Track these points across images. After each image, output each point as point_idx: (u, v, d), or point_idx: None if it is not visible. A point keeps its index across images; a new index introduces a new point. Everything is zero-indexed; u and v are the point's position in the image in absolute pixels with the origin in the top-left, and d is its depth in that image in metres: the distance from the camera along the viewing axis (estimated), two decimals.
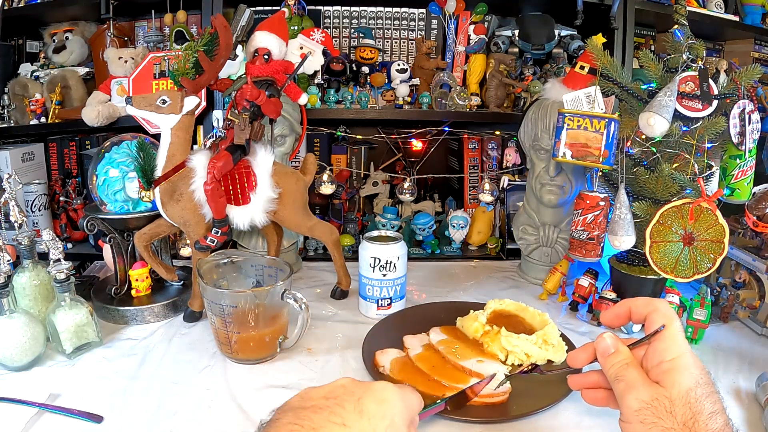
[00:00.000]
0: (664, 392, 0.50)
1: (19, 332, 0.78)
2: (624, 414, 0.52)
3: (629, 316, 0.59)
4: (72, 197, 1.37)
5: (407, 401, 0.51)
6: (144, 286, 0.99)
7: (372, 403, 0.47)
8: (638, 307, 0.58)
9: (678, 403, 0.49)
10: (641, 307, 0.58)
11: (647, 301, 0.58)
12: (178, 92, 0.85)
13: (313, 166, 1.03)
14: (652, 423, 0.49)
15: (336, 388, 0.49)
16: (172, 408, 0.71)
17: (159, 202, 0.89)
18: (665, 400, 0.49)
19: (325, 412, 0.45)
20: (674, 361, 0.51)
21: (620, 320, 0.61)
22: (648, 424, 0.49)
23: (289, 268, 0.86)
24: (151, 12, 1.37)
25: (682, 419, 0.48)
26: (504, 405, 0.71)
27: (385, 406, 0.48)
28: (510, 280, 1.20)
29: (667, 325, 0.54)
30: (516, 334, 0.81)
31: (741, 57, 1.61)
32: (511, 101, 1.42)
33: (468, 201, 1.53)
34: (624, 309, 0.59)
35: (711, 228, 0.85)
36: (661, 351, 0.53)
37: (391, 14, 1.48)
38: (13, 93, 1.42)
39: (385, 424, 0.47)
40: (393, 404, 0.49)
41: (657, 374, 0.52)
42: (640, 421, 0.50)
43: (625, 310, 0.59)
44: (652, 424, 0.49)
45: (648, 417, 0.49)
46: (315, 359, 0.84)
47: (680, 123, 0.89)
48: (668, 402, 0.49)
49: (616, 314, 0.61)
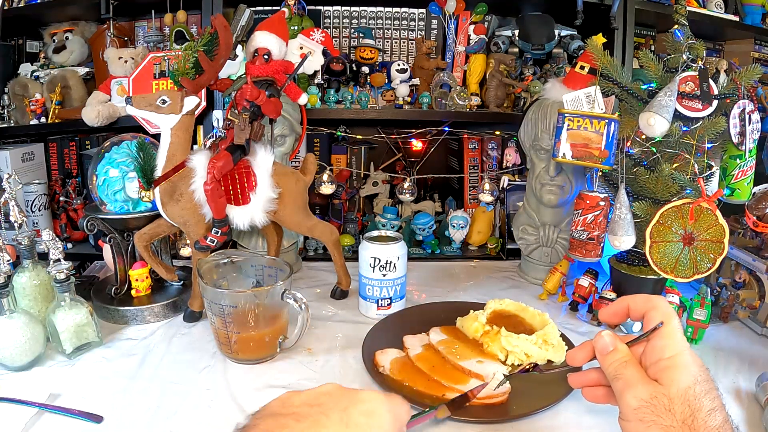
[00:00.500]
0: (663, 390, 0.50)
1: (19, 332, 0.78)
2: (623, 412, 0.52)
3: (627, 314, 0.59)
4: (72, 197, 1.37)
5: (395, 412, 0.49)
6: (144, 286, 0.99)
7: (359, 415, 0.45)
8: (637, 304, 0.58)
9: (677, 401, 0.48)
10: (640, 305, 0.57)
11: (646, 298, 0.57)
12: (178, 92, 0.85)
13: (313, 166, 1.03)
14: (651, 421, 0.49)
15: (320, 395, 0.47)
16: (172, 408, 0.71)
17: (159, 202, 0.89)
18: (664, 398, 0.49)
19: (308, 421, 0.43)
20: (673, 359, 0.51)
21: (618, 318, 0.60)
22: (647, 422, 0.49)
23: (289, 268, 0.86)
24: (151, 12, 1.38)
25: (681, 417, 0.48)
26: (504, 405, 0.71)
27: (373, 418, 0.46)
28: (510, 280, 1.20)
29: (665, 323, 0.53)
30: (516, 334, 0.81)
31: (741, 57, 1.61)
32: (511, 101, 1.42)
33: (468, 201, 1.53)
34: (622, 306, 0.59)
35: (711, 228, 0.85)
36: (660, 348, 0.52)
37: (391, 14, 1.48)
38: (13, 93, 1.42)
39: None
40: (381, 416, 0.47)
41: (655, 372, 0.52)
42: (639, 419, 0.49)
43: (624, 308, 0.59)
44: (651, 422, 0.49)
45: (647, 415, 0.49)
46: (315, 359, 0.84)
47: (680, 123, 0.89)
48: (667, 400, 0.49)
49: (614, 312, 0.60)
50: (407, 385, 0.74)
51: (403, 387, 0.75)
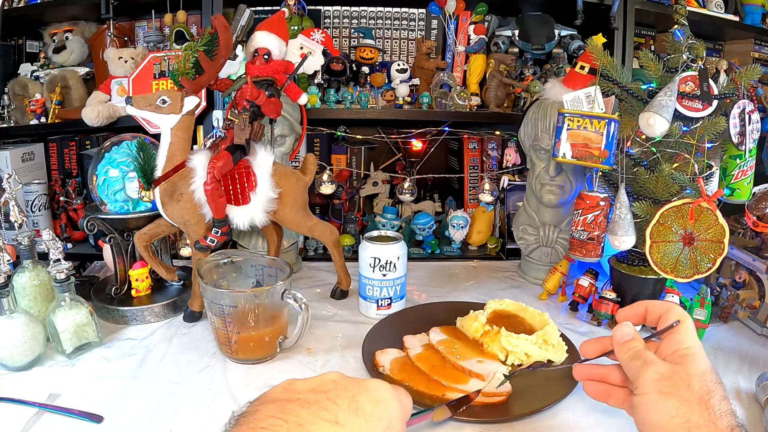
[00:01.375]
0: (683, 368, 0.53)
1: (19, 332, 0.78)
2: (640, 387, 0.54)
3: (645, 317, 0.63)
4: (72, 197, 1.37)
5: (402, 403, 0.49)
6: (144, 286, 0.99)
7: (368, 403, 0.45)
8: (655, 307, 0.63)
9: (695, 379, 0.52)
10: (658, 307, 0.62)
11: (663, 303, 0.63)
12: (178, 92, 0.85)
13: (313, 166, 1.03)
14: (670, 392, 0.51)
15: (326, 382, 0.46)
16: (172, 408, 0.71)
17: (159, 202, 0.89)
18: (683, 374, 0.53)
19: (314, 407, 0.42)
20: (690, 349, 0.56)
21: (636, 319, 0.64)
22: (665, 394, 0.51)
23: (289, 268, 0.86)
24: (151, 12, 1.38)
25: (699, 393, 0.51)
26: (504, 405, 0.71)
27: (381, 406, 0.45)
28: (510, 280, 1.20)
29: (682, 321, 0.58)
30: (516, 334, 0.81)
31: (741, 57, 1.61)
32: (511, 101, 1.42)
33: (468, 201, 1.53)
34: (641, 309, 0.64)
35: (711, 228, 0.85)
36: (677, 341, 0.57)
37: (391, 14, 1.48)
38: (13, 93, 1.42)
39: (383, 425, 0.44)
40: (390, 405, 0.46)
41: (674, 359, 0.55)
42: (659, 390, 0.52)
43: (642, 311, 0.63)
44: (669, 393, 0.51)
45: (666, 387, 0.52)
46: (315, 359, 0.84)
47: (680, 123, 0.89)
48: (686, 376, 0.52)
49: (634, 313, 0.64)
50: (407, 385, 0.74)
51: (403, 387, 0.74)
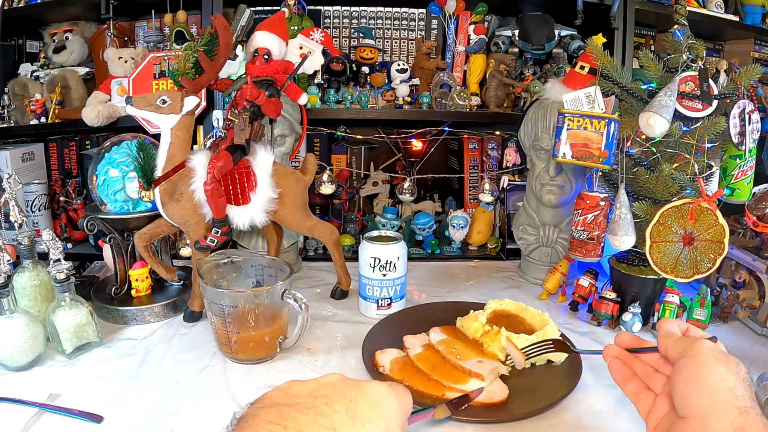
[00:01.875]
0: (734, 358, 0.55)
1: (19, 332, 0.78)
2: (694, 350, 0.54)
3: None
4: (72, 197, 1.37)
5: (401, 402, 0.49)
6: (144, 286, 0.99)
7: (365, 407, 0.44)
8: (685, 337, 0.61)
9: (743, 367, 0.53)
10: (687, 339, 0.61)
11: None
12: (178, 92, 0.85)
13: (313, 166, 1.03)
14: (724, 361, 0.52)
15: (324, 385, 0.45)
16: (172, 408, 0.71)
17: (159, 202, 0.89)
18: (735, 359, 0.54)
19: (312, 413, 0.41)
20: None
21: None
22: (720, 360, 0.52)
23: (289, 268, 0.86)
24: (151, 12, 1.38)
25: (744, 375, 0.52)
26: (504, 405, 0.71)
27: (378, 409, 0.45)
28: (510, 280, 1.20)
29: None
30: (516, 334, 0.81)
31: (741, 57, 1.61)
32: (511, 101, 1.42)
33: (468, 201, 1.53)
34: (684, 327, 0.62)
35: (711, 228, 0.85)
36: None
37: (391, 14, 1.48)
38: (13, 93, 1.42)
39: (380, 429, 0.44)
40: (387, 406, 0.46)
41: None
42: (713, 356, 0.53)
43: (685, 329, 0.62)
44: (723, 361, 0.52)
45: (721, 356, 0.53)
46: (315, 359, 0.84)
47: (680, 123, 0.89)
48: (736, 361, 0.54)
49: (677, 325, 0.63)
50: (407, 385, 0.74)
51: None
